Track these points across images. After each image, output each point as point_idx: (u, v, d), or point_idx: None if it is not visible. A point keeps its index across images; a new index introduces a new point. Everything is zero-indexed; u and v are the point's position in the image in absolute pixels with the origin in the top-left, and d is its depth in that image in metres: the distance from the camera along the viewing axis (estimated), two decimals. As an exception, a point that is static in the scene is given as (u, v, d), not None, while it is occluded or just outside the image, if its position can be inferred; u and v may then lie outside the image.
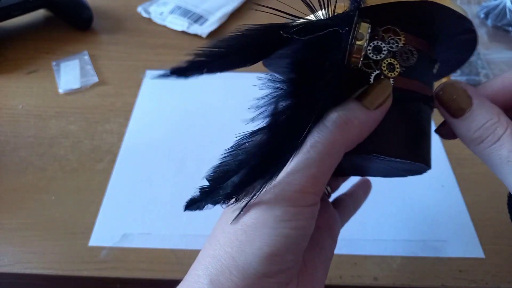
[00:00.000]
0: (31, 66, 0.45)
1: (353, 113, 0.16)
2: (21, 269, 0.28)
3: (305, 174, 0.16)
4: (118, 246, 0.29)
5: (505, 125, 0.16)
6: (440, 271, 0.28)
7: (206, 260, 0.16)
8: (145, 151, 0.36)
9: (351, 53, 0.17)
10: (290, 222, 0.15)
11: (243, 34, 0.16)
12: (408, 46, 0.18)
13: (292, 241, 0.16)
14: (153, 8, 0.53)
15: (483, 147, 0.17)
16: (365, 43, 0.17)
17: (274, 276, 0.16)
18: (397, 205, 0.32)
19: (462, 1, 0.56)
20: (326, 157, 0.16)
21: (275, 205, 0.15)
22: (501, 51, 0.47)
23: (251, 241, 0.15)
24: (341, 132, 0.16)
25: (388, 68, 0.18)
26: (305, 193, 0.16)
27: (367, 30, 0.17)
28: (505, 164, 0.16)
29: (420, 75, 0.19)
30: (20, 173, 0.34)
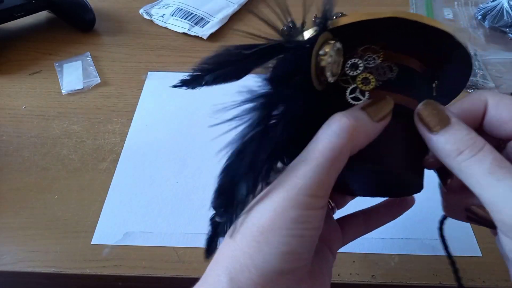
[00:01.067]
0: (34, 67, 0.45)
1: (361, 120, 0.17)
2: (24, 268, 0.28)
3: (316, 180, 0.17)
4: (120, 244, 0.30)
5: (483, 141, 0.17)
6: (437, 270, 0.29)
7: (225, 260, 0.17)
8: (147, 151, 0.36)
9: (316, 69, 0.18)
10: (304, 224, 0.17)
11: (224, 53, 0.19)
12: (387, 62, 0.20)
13: (306, 240, 0.17)
14: (155, 10, 0.53)
15: (462, 159, 0.17)
16: (329, 59, 0.18)
17: (290, 273, 0.17)
18: (395, 204, 0.32)
19: (459, 3, 0.56)
20: (336, 162, 0.17)
21: (290, 209, 0.17)
22: (498, 52, 0.48)
23: (269, 241, 0.17)
24: (348, 137, 0.17)
25: (363, 82, 0.19)
26: (316, 197, 0.17)
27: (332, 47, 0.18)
28: (486, 176, 0.16)
29: (405, 89, 0.20)
30: (23, 173, 0.34)
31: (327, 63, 0.18)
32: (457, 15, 0.54)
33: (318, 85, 0.19)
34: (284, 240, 0.16)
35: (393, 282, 0.28)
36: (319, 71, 0.18)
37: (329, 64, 0.18)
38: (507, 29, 0.50)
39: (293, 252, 0.17)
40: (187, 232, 0.30)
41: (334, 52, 0.18)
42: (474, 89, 0.43)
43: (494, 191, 0.16)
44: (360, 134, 0.17)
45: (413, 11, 0.55)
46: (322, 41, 0.19)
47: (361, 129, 0.17)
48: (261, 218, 0.17)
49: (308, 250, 0.17)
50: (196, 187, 0.33)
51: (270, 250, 0.16)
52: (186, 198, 0.33)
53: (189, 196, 0.33)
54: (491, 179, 0.16)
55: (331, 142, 0.17)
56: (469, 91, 0.43)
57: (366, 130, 0.18)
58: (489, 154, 0.16)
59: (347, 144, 0.17)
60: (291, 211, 0.17)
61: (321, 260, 0.21)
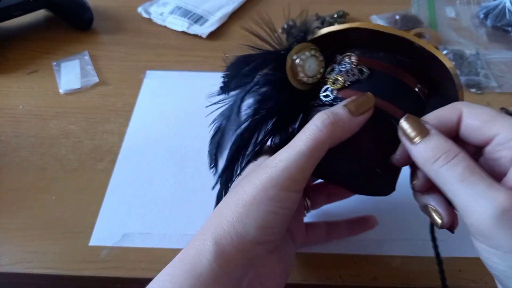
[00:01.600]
0: (32, 66, 0.45)
1: (340, 117, 0.21)
2: (22, 269, 0.28)
3: (296, 165, 0.20)
4: (118, 245, 0.29)
5: (458, 149, 0.18)
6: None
7: (212, 227, 0.20)
8: (146, 151, 0.36)
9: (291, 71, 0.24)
10: (280, 203, 0.20)
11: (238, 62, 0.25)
12: (360, 66, 0.23)
13: (280, 218, 0.20)
14: (154, 9, 0.53)
15: (438, 165, 0.18)
16: (296, 59, 0.23)
17: (264, 243, 0.21)
18: (396, 204, 0.32)
19: (461, 1, 0.56)
20: (315, 151, 0.20)
21: (270, 188, 0.20)
22: (501, 51, 0.47)
23: (249, 214, 0.20)
24: (328, 131, 0.20)
25: (333, 82, 0.23)
26: (295, 181, 0.20)
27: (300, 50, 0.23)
28: (457, 182, 0.18)
29: (375, 91, 0.22)
30: (21, 173, 0.34)
31: (298, 66, 0.23)
32: (459, 14, 0.53)
33: (297, 85, 0.24)
34: (261, 215, 0.20)
35: (395, 284, 0.28)
36: (294, 73, 0.24)
37: (299, 67, 0.23)
38: (509, 28, 0.50)
39: (268, 226, 0.20)
40: (186, 233, 0.30)
41: (305, 57, 0.23)
42: (476, 88, 0.43)
43: (464, 197, 0.17)
44: (339, 129, 0.20)
45: (415, 10, 0.54)
46: (298, 49, 0.24)
47: (340, 125, 0.20)
48: (245, 194, 0.20)
49: (280, 226, 0.21)
50: (195, 188, 0.33)
51: (249, 222, 0.20)
52: (185, 198, 0.33)
53: (188, 197, 0.33)
54: (462, 185, 0.17)
55: (312, 134, 0.20)
56: (471, 91, 0.43)
57: (344, 125, 0.21)
58: (462, 161, 0.18)
59: (326, 137, 0.20)
60: (271, 189, 0.20)
61: (286, 244, 0.24)
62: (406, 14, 0.53)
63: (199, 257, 0.20)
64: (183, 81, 0.43)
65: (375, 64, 0.23)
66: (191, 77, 0.44)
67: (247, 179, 0.21)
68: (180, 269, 0.20)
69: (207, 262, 0.19)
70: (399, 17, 0.52)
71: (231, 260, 0.20)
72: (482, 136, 0.19)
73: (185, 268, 0.20)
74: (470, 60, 0.46)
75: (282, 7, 0.58)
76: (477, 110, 0.20)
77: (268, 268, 0.22)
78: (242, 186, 0.21)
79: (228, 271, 0.19)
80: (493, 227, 0.17)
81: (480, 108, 0.20)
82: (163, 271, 0.20)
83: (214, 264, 0.19)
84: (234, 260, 0.20)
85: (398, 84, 0.23)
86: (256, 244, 0.20)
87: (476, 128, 0.19)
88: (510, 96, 0.42)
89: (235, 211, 0.20)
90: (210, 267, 0.19)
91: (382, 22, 0.52)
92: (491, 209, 0.16)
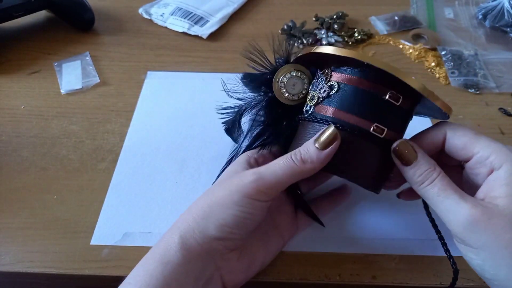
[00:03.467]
0: (33, 66, 0.45)
1: (309, 155, 0.24)
2: (23, 268, 0.28)
3: (266, 181, 0.23)
4: (119, 245, 0.29)
5: (438, 172, 0.23)
6: (438, 270, 0.28)
7: (179, 223, 0.24)
8: (146, 151, 0.36)
9: (277, 91, 0.28)
10: (241, 207, 0.23)
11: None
12: (330, 82, 0.25)
13: (239, 220, 0.23)
14: (154, 10, 0.53)
15: (423, 187, 0.23)
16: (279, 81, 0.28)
17: (223, 240, 0.23)
18: (395, 204, 0.32)
19: (460, 2, 0.56)
20: (286, 178, 0.24)
21: (235, 193, 0.23)
22: (499, 52, 0.48)
23: (212, 214, 0.23)
24: (300, 166, 0.24)
25: (311, 99, 0.26)
26: (259, 192, 0.23)
27: (283, 72, 0.28)
28: (436, 198, 0.23)
29: (343, 105, 0.24)
30: (22, 173, 0.34)
31: (282, 87, 0.28)
32: (457, 15, 0.54)
33: (284, 101, 0.28)
34: (223, 216, 0.23)
35: (394, 283, 0.28)
36: (280, 93, 0.28)
37: (283, 88, 0.28)
38: (508, 29, 0.50)
39: (226, 225, 0.23)
40: (187, 233, 0.30)
41: (286, 78, 0.27)
42: (475, 88, 0.43)
43: (442, 209, 0.22)
44: (308, 164, 0.24)
45: (414, 11, 0.55)
46: (282, 72, 0.28)
47: (309, 161, 0.24)
48: (213, 196, 0.24)
49: (239, 227, 0.24)
50: (196, 187, 0.33)
51: (211, 220, 0.23)
52: (185, 198, 0.33)
53: (189, 196, 0.33)
54: (439, 199, 0.22)
55: (287, 162, 0.24)
56: (470, 91, 0.43)
57: (315, 160, 0.24)
58: (438, 182, 0.23)
59: (297, 170, 0.24)
60: (235, 195, 0.23)
61: (262, 242, 0.27)
62: (405, 15, 0.53)
63: (166, 248, 0.23)
64: (183, 82, 0.43)
65: (345, 79, 0.25)
66: (191, 78, 0.44)
67: (221, 183, 0.25)
68: (151, 260, 0.23)
69: (173, 253, 0.23)
70: (397, 17, 0.53)
71: (192, 251, 0.23)
72: (463, 155, 0.24)
73: (155, 258, 0.23)
74: (469, 61, 0.46)
75: (282, 8, 0.58)
76: (460, 132, 0.24)
77: (229, 264, 0.24)
78: (214, 189, 0.25)
79: (191, 260, 0.23)
80: (464, 232, 0.21)
81: (463, 130, 0.24)
82: (138, 263, 0.24)
83: (179, 253, 0.23)
84: (195, 252, 0.23)
85: (363, 96, 0.24)
86: (215, 239, 0.23)
87: (458, 148, 0.24)
88: (508, 97, 0.42)
89: (201, 210, 0.24)
90: (176, 256, 0.22)
91: (381, 23, 0.52)
92: (461, 219, 0.21)
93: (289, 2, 0.56)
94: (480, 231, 0.21)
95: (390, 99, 0.24)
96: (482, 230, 0.21)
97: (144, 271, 0.22)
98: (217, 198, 0.23)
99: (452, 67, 0.45)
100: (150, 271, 0.22)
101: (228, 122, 0.31)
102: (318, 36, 0.50)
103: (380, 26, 0.52)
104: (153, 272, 0.22)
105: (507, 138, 0.38)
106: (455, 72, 0.45)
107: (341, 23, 0.51)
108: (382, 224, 0.31)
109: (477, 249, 0.21)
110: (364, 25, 0.52)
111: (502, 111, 0.40)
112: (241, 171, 0.25)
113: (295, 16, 0.52)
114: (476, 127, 0.39)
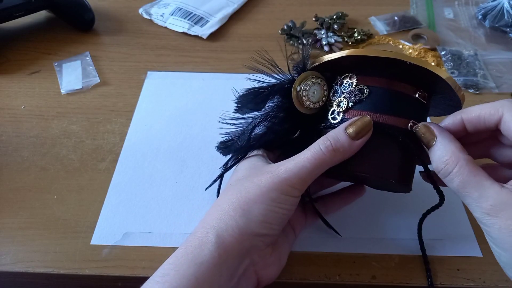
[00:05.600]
0: (33, 66, 0.45)
1: (341, 143, 0.23)
2: (23, 268, 0.28)
3: (298, 177, 0.23)
4: (119, 244, 0.29)
5: (455, 162, 0.22)
6: (438, 270, 0.28)
7: (213, 221, 0.23)
8: (147, 151, 0.36)
9: (297, 99, 0.26)
10: (280, 204, 0.23)
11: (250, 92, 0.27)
12: (359, 86, 0.25)
13: (279, 216, 0.24)
14: (154, 10, 0.53)
15: (441, 176, 0.23)
16: (300, 89, 0.26)
17: (261, 236, 0.24)
18: (395, 204, 0.32)
19: (460, 2, 0.56)
20: (316, 169, 0.24)
21: (273, 191, 0.23)
22: (499, 52, 0.48)
23: (251, 210, 0.23)
24: (329, 155, 0.23)
25: (338, 105, 0.25)
26: (294, 188, 0.24)
27: (303, 80, 0.26)
28: (457, 192, 0.22)
29: (377, 107, 0.24)
30: (22, 173, 0.34)
31: (303, 95, 0.26)
32: (457, 15, 0.54)
33: (305, 110, 0.27)
34: (263, 212, 0.23)
35: (394, 282, 0.28)
36: (300, 102, 0.26)
37: (304, 96, 0.26)
38: (507, 29, 0.50)
39: (268, 222, 0.23)
40: (187, 233, 0.30)
41: (308, 86, 0.26)
42: (474, 89, 0.43)
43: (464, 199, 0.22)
44: (339, 154, 0.23)
45: (414, 11, 0.55)
46: (301, 80, 0.26)
47: (341, 151, 0.23)
48: (248, 193, 0.24)
49: (279, 223, 0.24)
50: (196, 187, 0.33)
51: (251, 217, 0.23)
52: (185, 198, 0.33)
53: (189, 196, 0.33)
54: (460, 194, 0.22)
55: (316, 155, 0.23)
56: (469, 91, 0.43)
57: (345, 150, 0.23)
58: (456, 177, 0.21)
59: (328, 160, 0.23)
60: (273, 192, 0.23)
61: (285, 236, 0.27)
62: (405, 15, 0.53)
63: (201, 247, 0.22)
64: (183, 82, 0.43)
65: (374, 82, 0.25)
66: (191, 78, 0.44)
67: (250, 179, 0.24)
68: (183, 258, 0.22)
69: (209, 252, 0.22)
70: (397, 18, 0.53)
71: (230, 249, 0.22)
72: None
73: (188, 257, 0.22)
74: (468, 61, 0.46)
75: (282, 8, 0.58)
76: None
77: (263, 258, 0.25)
78: (245, 186, 0.24)
79: (227, 259, 0.22)
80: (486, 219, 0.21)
81: None
82: (167, 261, 0.23)
83: (215, 253, 0.22)
84: (233, 250, 0.22)
85: (397, 96, 0.24)
86: (256, 236, 0.23)
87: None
88: (508, 97, 0.42)
89: (238, 208, 0.23)
90: (211, 256, 0.22)
91: (381, 23, 0.52)
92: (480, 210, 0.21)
93: (289, 2, 0.57)
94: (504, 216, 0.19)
95: (420, 97, 0.25)
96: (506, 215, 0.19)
97: (175, 271, 0.22)
98: (254, 196, 0.23)
99: (451, 67, 0.45)
100: (181, 272, 0.21)
101: (233, 134, 0.28)
102: (318, 36, 0.50)
103: (380, 26, 0.52)
104: (184, 272, 0.21)
105: (506, 138, 0.38)
106: (455, 72, 0.45)
107: (341, 23, 0.51)
108: (382, 224, 0.31)
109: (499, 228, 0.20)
110: (364, 25, 0.52)
111: (502, 111, 0.41)
112: (263, 166, 0.25)
113: (295, 16, 0.52)
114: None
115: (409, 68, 0.23)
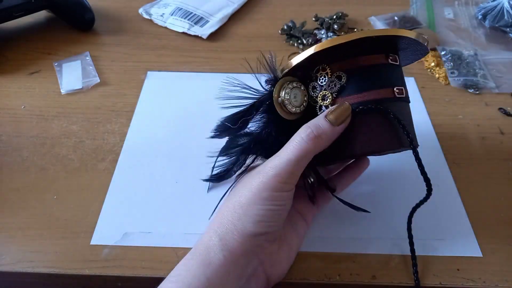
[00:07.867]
0: (33, 66, 0.45)
1: (322, 130, 0.24)
2: (23, 268, 0.28)
3: (286, 171, 0.24)
4: (119, 244, 0.29)
5: None
6: (438, 270, 0.29)
7: (215, 226, 0.25)
8: (147, 151, 0.36)
9: (281, 109, 0.27)
10: (273, 201, 0.24)
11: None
12: (336, 73, 0.25)
13: (274, 213, 0.24)
14: (154, 10, 0.53)
15: None
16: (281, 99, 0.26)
17: (261, 235, 0.24)
18: (395, 204, 0.32)
19: (460, 2, 0.56)
20: (301, 160, 0.24)
21: (263, 191, 0.24)
22: (499, 52, 0.48)
23: (246, 213, 0.24)
24: (313, 143, 0.24)
25: (323, 99, 0.26)
26: (285, 183, 0.24)
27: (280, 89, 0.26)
28: None
29: (360, 87, 0.25)
30: (22, 173, 0.34)
31: (285, 103, 0.26)
32: (457, 15, 0.54)
33: (290, 116, 0.27)
34: (257, 212, 0.24)
35: (393, 282, 0.28)
36: (285, 110, 0.27)
37: (287, 102, 0.26)
38: (507, 29, 0.50)
39: (264, 221, 0.24)
40: (187, 233, 0.30)
41: (288, 91, 0.26)
42: (474, 89, 0.43)
43: None
44: (322, 141, 0.24)
45: (414, 11, 0.55)
46: (278, 89, 0.26)
47: (323, 137, 0.24)
48: (241, 197, 0.25)
49: (276, 220, 0.24)
50: (196, 187, 0.33)
51: (247, 219, 0.24)
52: (185, 198, 0.33)
53: (189, 196, 0.33)
54: None
55: (299, 145, 0.24)
56: (469, 91, 0.43)
57: (327, 137, 0.24)
58: None
59: (312, 148, 0.24)
60: (264, 192, 0.24)
61: (293, 228, 0.28)
62: (405, 15, 0.53)
63: (207, 250, 0.24)
64: (183, 82, 0.43)
65: (347, 65, 0.25)
66: (191, 78, 0.44)
67: (242, 184, 0.26)
68: (193, 260, 0.24)
69: (215, 254, 0.23)
70: (397, 18, 0.53)
71: (234, 251, 0.23)
72: None
73: (197, 259, 0.23)
74: (468, 61, 0.46)
75: (282, 8, 0.58)
76: None
77: (271, 256, 0.25)
78: (239, 190, 0.25)
79: (233, 260, 0.23)
80: None
81: None
82: (178, 264, 0.24)
83: (221, 255, 0.23)
84: (237, 251, 0.23)
85: (374, 69, 0.25)
86: (255, 236, 0.24)
87: None
88: (508, 97, 0.42)
89: (234, 212, 0.24)
90: (217, 258, 0.23)
91: (381, 23, 0.52)
92: None
93: (289, 2, 0.57)
94: None
95: (392, 61, 0.26)
96: None
97: (186, 271, 0.23)
98: (246, 199, 0.24)
99: (451, 67, 0.45)
100: (192, 272, 0.23)
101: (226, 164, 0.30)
102: (318, 36, 0.50)
103: (379, 26, 0.52)
104: (195, 272, 0.23)
105: (506, 138, 0.38)
106: (455, 72, 0.45)
107: (341, 23, 0.51)
108: (381, 224, 0.31)
109: None
110: (364, 25, 0.52)
111: (502, 111, 0.41)
112: (256, 168, 0.26)
113: (295, 16, 0.52)
114: (476, 127, 0.39)
115: (376, 40, 0.24)
